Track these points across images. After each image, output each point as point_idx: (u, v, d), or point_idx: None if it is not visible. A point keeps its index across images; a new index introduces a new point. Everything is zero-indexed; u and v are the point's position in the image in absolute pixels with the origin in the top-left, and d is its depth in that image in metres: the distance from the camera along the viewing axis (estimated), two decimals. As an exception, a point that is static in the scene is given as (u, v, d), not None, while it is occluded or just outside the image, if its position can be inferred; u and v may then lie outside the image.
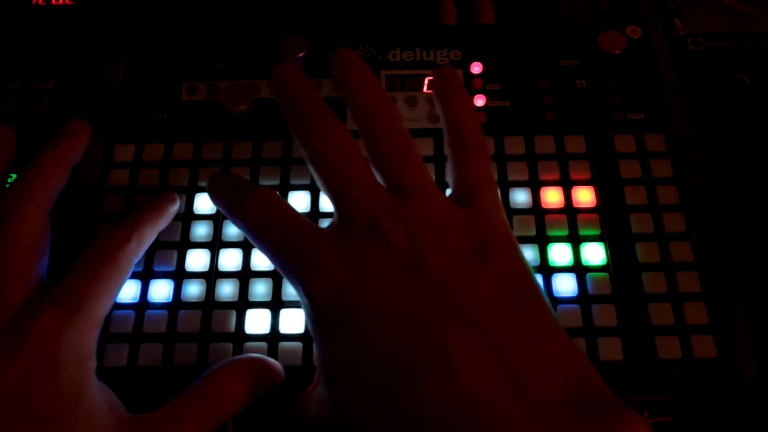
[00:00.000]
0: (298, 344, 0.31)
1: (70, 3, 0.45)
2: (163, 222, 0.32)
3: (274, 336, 0.32)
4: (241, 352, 0.31)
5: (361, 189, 0.26)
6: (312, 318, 0.25)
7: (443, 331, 0.23)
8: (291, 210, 0.28)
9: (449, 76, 0.31)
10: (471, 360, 0.22)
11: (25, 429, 0.24)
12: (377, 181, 0.27)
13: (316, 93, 0.29)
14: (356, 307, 0.24)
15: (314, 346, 0.26)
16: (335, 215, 0.27)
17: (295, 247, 0.26)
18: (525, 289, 0.25)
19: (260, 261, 0.33)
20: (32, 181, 0.30)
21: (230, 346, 0.31)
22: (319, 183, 0.28)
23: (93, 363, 0.27)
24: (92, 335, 0.27)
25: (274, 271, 0.33)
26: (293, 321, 0.32)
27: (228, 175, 0.31)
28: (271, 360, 0.30)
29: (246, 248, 0.34)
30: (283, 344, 0.31)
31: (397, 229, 0.25)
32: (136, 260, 0.30)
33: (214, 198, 0.30)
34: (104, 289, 0.28)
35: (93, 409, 0.26)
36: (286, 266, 0.26)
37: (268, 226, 0.27)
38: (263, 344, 0.31)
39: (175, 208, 0.33)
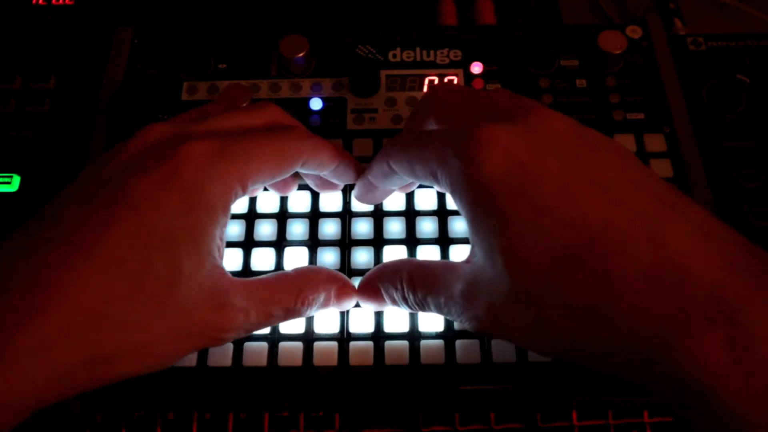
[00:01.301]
0: (299, 344, 0.31)
1: (70, 3, 0.45)
2: (340, 168, 0.32)
3: (274, 336, 0.32)
4: (242, 353, 0.31)
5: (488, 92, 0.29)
6: (481, 194, 0.25)
7: (637, 201, 0.23)
8: None
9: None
10: (670, 226, 0.23)
11: (158, 237, 0.25)
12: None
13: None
14: (538, 179, 0.24)
15: (474, 223, 0.26)
16: (472, 118, 0.27)
17: (455, 130, 0.26)
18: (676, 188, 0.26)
19: (260, 261, 0.33)
20: (320, 145, 0.31)
21: (230, 346, 0.31)
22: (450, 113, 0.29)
23: (222, 215, 0.27)
24: (234, 189, 0.27)
25: (274, 271, 0.33)
26: (293, 321, 0.32)
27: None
28: (354, 288, 0.31)
29: (246, 248, 0.34)
30: (284, 344, 0.31)
31: (555, 114, 0.26)
32: (301, 162, 0.30)
33: (367, 172, 0.32)
34: (264, 158, 0.28)
35: (206, 249, 0.26)
36: (443, 151, 0.26)
37: (425, 132, 0.28)
38: (264, 344, 0.31)
39: (356, 173, 0.33)
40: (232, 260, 0.33)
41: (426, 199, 0.35)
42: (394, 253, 0.33)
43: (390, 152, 0.30)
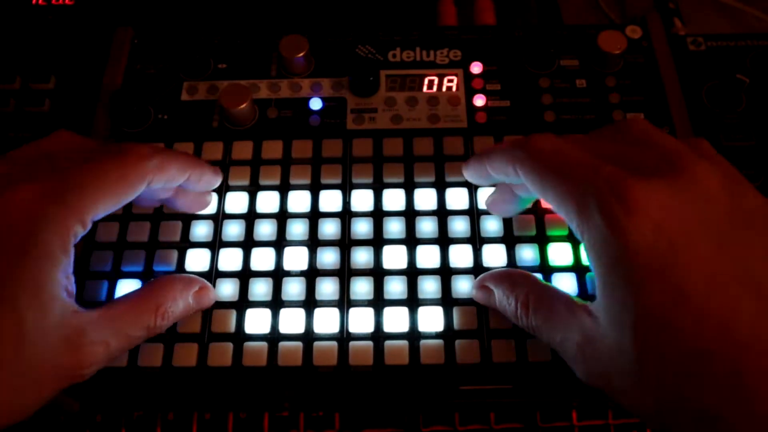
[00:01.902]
0: (298, 344, 0.31)
1: (70, 3, 0.45)
2: (193, 176, 0.32)
3: (274, 336, 0.32)
4: (241, 353, 0.31)
5: (657, 131, 0.26)
6: (622, 265, 0.23)
7: None
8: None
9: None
10: None
11: None
12: None
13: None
14: (686, 263, 0.22)
15: (606, 289, 0.24)
16: (622, 157, 0.25)
17: (603, 177, 0.23)
18: None
19: (260, 261, 0.33)
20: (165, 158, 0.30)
21: (230, 345, 0.31)
22: (603, 138, 0.27)
23: (63, 257, 0.26)
24: (72, 229, 0.26)
25: (274, 271, 0.33)
26: (293, 321, 0.32)
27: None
28: (210, 286, 0.32)
29: (246, 248, 0.34)
30: (283, 344, 0.31)
31: (709, 172, 0.23)
32: (145, 184, 0.29)
33: (487, 158, 0.30)
34: (102, 189, 0.27)
35: (51, 296, 0.25)
36: (585, 198, 0.24)
37: (565, 156, 0.25)
38: (263, 344, 0.31)
39: (212, 178, 0.33)
40: (232, 260, 0.33)
41: (426, 199, 0.35)
42: (394, 253, 0.33)
43: (522, 160, 0.27)
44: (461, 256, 0.33)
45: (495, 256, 0.33)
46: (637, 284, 0.22)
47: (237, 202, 0.35)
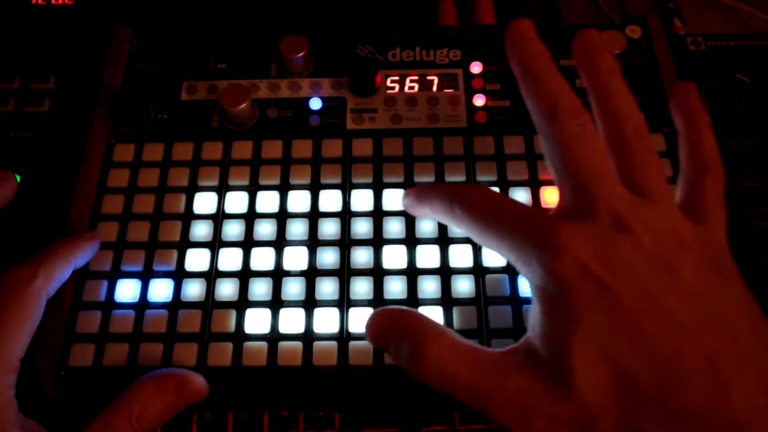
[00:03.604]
0: (298, 344, 0.31)
1: (70, 3, 0.45)
2: (78, 258, 0.32)
3: (274, 336, 0.32)
4: (241, 353, 0.31)
5: (606, 181, 0.25)
6: (551, 298, 0.24)
7: (709, 340, 0.22)
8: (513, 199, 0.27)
9: (695, 100, 0.30)
10: (739, 374, 0.22)
11: None
12: (617, 176, 0.26)
13: (556, 68, 0.28)
14: (610, 295, 0.23)
15: (541, 322, 0.24)
16: (567, 202, 0.26)
17: (533, 225, 0.25)
18: (760, 315, 0.24)
19: (260, 261, 0.33)
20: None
21: (230, 345, 0.31)
22: (555, 164, 0.27)
23: (11, 409, 0.27)
24: (5, 383, 0.27)
25: (274, 271, 0.33)
26: (293, 321, 0.32)
27: (432, 184, 0.33)
28: (194, 374, 0.30)
29: (246, 248, 0.34)
30: (283, 344, 0.31)
31: (642, 228, 0.24)
32: (46, 298, 0.29)
33: (426, 200, 0.30)
34: (11, 334, 0.27)
35: None
36: (521, 245, 0.25)
37: (498, 209, 0.26)
38: (263, 344, 0.31)
39: (93, 245, 0.33)
40: (231, 260, 0.33)
41: (426, 198, 0.35)
42: (394, 253, 0.33)
43: (458, 211, 0.28)
44: (461, 256, 0.33)
45: (495, 255, 0.33)
46: (568, 321, 0.23)
47: (237, 201, 0.35)
